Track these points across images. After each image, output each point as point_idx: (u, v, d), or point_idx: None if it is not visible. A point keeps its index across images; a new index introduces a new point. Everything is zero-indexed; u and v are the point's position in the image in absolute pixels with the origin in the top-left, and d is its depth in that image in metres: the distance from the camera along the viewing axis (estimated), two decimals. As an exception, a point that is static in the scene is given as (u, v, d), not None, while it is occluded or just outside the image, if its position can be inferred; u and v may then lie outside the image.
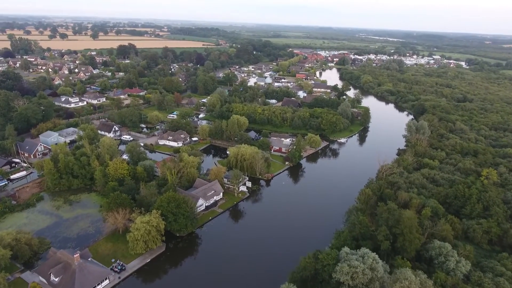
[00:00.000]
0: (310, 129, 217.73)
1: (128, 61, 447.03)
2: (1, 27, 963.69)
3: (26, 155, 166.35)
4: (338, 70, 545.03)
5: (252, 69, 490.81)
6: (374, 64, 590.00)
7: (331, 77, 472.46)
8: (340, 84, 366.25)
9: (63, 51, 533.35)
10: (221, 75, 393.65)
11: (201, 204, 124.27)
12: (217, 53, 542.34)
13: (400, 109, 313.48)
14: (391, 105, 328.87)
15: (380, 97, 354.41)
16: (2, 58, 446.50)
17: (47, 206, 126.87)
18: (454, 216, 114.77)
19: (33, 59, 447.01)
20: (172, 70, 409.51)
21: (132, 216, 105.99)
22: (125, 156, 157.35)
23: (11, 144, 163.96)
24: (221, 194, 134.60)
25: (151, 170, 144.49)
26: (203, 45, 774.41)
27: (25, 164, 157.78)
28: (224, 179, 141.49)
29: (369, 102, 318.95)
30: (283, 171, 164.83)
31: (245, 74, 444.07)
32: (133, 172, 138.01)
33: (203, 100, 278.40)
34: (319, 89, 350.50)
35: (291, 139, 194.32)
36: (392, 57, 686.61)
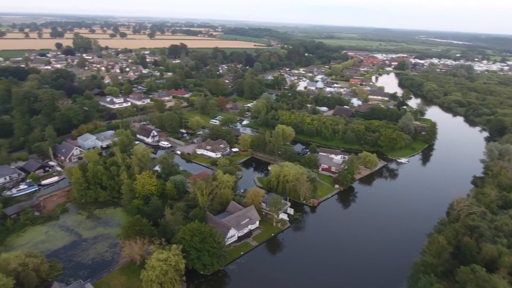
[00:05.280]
0: (365, 145, 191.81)
1: (178, 61, 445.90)
2: (71, 26, 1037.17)
3: (62, 158, 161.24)
4: (397, 75, 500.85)
5: (303, 72, 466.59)
6: (438, 70, 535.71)
7: (389, 83, 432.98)
8: (399, 91, 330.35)
9: (119, 49, 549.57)
10: (270, 77, 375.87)
11: (233, 234, 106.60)
12: (268, 54, 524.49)
13: (471, 123, 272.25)
14: (460, 118, 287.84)
15: (447, 108, 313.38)
16: (63, 55, 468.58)
17: (70, 221, 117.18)
18: None
19: (90, 57, 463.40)
20: (220, 71, 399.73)
21: (151, 248, 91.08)
22: (157, 168, 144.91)
23: (47, 146, 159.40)
24: (257, 222, 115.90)
25: (182, 186, 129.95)
26: (254, 45, 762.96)
27: (59, 169, 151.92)
28: (262, 204, 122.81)
29: (433, 113, 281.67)
30: (331, 196, 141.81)
31: (295, 77, 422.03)
32: (161, 188, 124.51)
33: (248, 105, 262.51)
34: (375, 97, 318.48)
35: (342, 156, 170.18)
36: (458, 62, 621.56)
